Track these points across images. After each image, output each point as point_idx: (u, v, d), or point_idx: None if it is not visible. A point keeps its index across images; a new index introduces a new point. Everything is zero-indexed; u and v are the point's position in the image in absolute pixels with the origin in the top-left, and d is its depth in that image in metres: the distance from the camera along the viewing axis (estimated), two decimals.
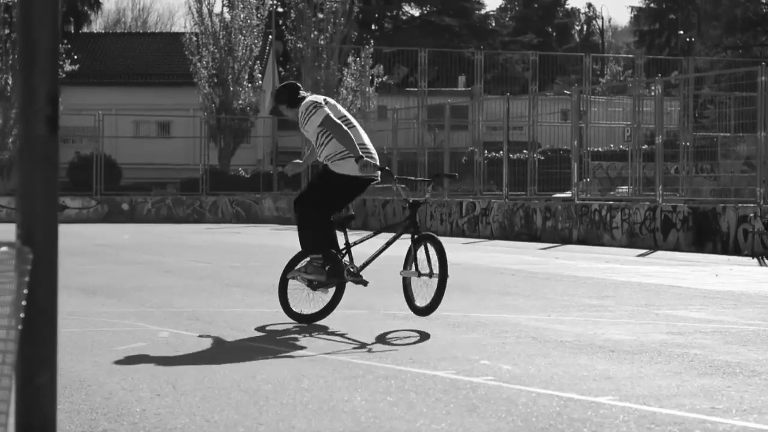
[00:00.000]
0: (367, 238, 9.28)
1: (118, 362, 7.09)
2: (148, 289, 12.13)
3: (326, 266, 8.91)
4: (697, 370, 6.83)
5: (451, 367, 6.91)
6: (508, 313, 9.96)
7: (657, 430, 5.19)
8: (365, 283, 9.03)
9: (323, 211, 8.99)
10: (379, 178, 9.04)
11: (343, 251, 9.08)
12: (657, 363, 7.12)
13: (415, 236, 8.94)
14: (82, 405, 5.75)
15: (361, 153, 8.79)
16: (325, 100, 9.17)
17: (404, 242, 9.15)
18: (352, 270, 9.01)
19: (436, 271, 8.71)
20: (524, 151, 32.20)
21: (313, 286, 9.02)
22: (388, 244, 9.15)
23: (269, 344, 7.92)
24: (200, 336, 8.35)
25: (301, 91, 9.25)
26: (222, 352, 7.56)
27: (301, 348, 7.73)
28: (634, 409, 5.64)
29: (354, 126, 9.12)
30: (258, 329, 8.75)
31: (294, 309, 9.11)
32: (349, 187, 9.03)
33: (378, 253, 9.15)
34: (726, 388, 6.25)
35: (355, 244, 9.15)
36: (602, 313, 9.99)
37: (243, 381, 6.42)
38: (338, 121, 8.89)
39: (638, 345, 7.92)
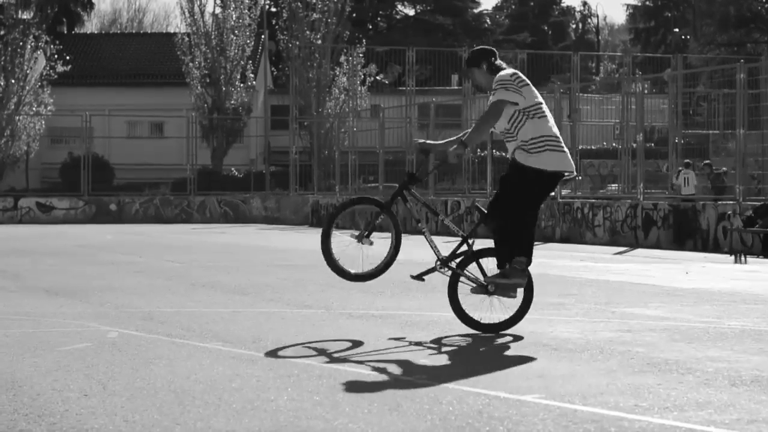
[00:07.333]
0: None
1: (57, 363, 7.09)
2: (111, 290, 12.13)
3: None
4: (632, 368, 6.82)
5: (387, 367, 6.91)
6: None
7: (573, 428, 5.20)
8: None
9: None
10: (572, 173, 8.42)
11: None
12: (596, 361, 7.12)
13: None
14: (7, 406, 5.75)
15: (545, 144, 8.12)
16: (515, 76, 8.18)
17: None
18: None
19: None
20: None
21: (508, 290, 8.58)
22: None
23: (215, 344, 7.90)
24: (148, 336, 8.35)
25: (497, 60, 8.38)
26: (165, 352, 7.55)
27: (246, 348, 7.72)
28: (556, 407, 5.64)
29: (544, 115, 8.24)
30: (209, 330, 8.73)
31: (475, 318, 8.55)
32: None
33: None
34: (656, 385, 6.25)
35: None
36: (559, 311, 9.99)
37: (175, 381, 6.42)
38: (499, 107, 8.09)
39: (583, 343, 7.92)
